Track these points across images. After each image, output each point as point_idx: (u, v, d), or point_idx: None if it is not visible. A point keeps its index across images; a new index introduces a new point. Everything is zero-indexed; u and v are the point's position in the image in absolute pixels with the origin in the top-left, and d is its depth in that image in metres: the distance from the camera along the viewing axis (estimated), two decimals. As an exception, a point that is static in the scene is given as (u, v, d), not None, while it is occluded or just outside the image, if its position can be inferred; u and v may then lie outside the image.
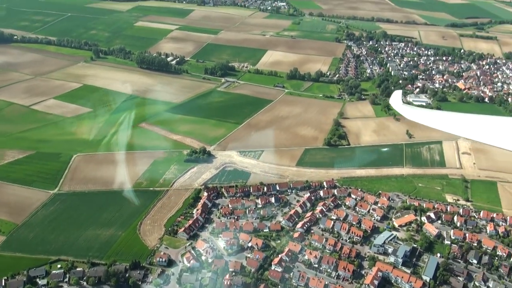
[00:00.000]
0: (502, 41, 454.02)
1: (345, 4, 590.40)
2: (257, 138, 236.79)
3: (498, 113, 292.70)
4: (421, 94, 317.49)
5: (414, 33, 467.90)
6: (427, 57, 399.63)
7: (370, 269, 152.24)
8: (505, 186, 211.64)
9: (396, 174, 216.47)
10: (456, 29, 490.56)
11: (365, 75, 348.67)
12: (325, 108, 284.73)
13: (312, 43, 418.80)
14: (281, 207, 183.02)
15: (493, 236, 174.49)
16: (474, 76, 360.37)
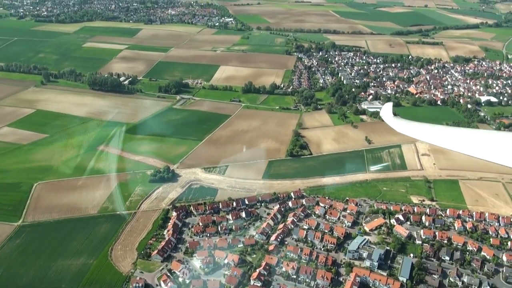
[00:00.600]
0: (448, 46, 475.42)
1: (291, 18, 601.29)
2: (221, 153, 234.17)
3: (451, 115, 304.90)
4: (375, 101, 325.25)
5: (361, 42, 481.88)
6: (376, 65, 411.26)
7: (347, 276, 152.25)
8: (466, 184, 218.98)
9: (360, 179, 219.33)
10: (402, 37, 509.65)
11: (318, 85, 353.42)
12: (283, 120, 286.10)
13: (263, 56, 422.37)
14: (253, 221, 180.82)
15: (462, 232, 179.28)
16: (424, 80, 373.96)
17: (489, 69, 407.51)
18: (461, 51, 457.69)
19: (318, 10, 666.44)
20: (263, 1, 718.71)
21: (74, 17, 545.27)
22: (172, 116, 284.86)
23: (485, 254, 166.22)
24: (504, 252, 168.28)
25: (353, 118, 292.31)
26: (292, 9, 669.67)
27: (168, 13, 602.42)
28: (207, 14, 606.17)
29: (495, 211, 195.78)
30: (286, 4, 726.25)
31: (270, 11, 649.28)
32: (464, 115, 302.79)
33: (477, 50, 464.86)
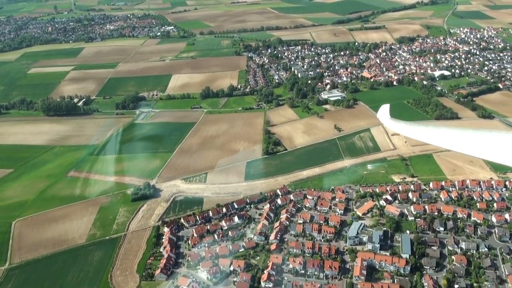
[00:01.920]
0: (390, 28, 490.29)
1: (232, 19, 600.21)
2: (196, 161, 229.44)
3: (410, 93, 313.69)
4: (333, 90, 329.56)
5: (306, 35, 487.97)
6: (326, 55, 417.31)
7: (353, 262, 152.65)
8: (440, 156, 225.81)
9: (339, 167, 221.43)
10: (345, 25, 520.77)
11: (274, 82, 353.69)
12: (249, 120, 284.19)
13: (213, 60, 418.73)
14: (246, 224, 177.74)
15: (449, 202, 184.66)
16: (375, 64, 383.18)
17: (434, 45, 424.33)
18: (404, 31, 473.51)
19: (256, 8, 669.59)
20: (199, 6, 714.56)
21: (12, 44, 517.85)
22: (136, 131, 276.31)
23: (475, 219, 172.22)
24: (493, 214, 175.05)
25: (317, 109, 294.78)
26: (230, 11, 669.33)
27: (107, 28, 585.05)
28: (146, 25, 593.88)
29: (474, 177, 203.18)
30: (222, 6, 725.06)
31: (209, 15, 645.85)
32: (422, 91, 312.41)
33: (420, 29, 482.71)
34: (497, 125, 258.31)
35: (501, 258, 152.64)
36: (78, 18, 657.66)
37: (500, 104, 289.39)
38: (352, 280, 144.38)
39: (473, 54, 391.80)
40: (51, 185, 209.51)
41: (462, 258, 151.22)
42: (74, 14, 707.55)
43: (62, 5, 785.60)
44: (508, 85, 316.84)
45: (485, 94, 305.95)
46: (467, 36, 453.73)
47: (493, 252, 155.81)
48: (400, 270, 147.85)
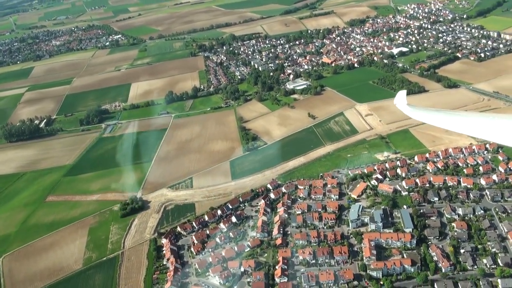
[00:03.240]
0: (339, 13, 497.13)
1: (179, 21, 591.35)
2: (178, 167, 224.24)
3: (373, 73, 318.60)
4: (297, 79, 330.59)
5: (258, 28, 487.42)
6: (282, 46, 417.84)
7: (360, 244, 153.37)
8: (416, 130, 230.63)
9: (323, 154, 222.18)
10: (294, 15, 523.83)
11: (236, 78, 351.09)
12: (221, 119, 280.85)
13: (170, 64, 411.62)
14: (245, 222, 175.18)
15: (437, 172, 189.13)
16: (332, 49, 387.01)
17: (386, 24, 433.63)
18: (353, 14, 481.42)
19: (201, 7, 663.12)
20: (143, 12, 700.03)
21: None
22: (106, 145, 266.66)
23: (465, 185, 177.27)
24: (481, 177, 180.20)
25: (286, 99, 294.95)
26: (176, 12, 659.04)
27: (53, 44, 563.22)
28: (93, 36, 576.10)
29: (454, 145, 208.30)
30: (166, 9, 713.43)
31: (155, 19, 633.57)
32: (384, 70, 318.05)
33: (368, 10, 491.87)
34: (464, 93, 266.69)
35: (497, 218, 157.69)
36: (22, 38, 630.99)
37: (462, 72, 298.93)
38: (364, 262, 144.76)
39: (425, 29, 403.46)
40: (31, 214, 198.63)
41: (462, 224, 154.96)
42: (16, 34, 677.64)
43: (2, 27, 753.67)
44: (466, 53, 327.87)
45: (445, 65, 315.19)
46: (416, 11, 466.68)
47: (489, 213, 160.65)
48: (407, 245, 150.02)
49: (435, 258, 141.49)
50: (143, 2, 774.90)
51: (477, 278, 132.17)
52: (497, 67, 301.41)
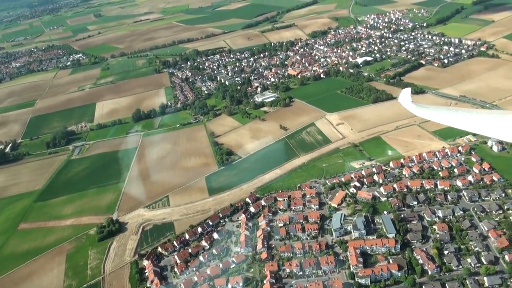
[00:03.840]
0: (300, 25, 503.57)
1: (140, 38, 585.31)
2: (153, 186, 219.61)
3: (340, 83, 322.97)
4: (265, 92, 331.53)
5: (221, 43, 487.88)
6: (246, 59, 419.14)
7: (345, 252, 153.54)
8: (388, 136, 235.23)
9: (298, 164, 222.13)
10: (255, 28, 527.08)
11: (203, 93, 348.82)
12: (191, 135, 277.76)
13: (134, 81, 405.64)
14: (227, 238, 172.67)
15: (413, 177, 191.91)
16: (297, 61, 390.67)
17: (348, 35, 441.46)
18: (314, 26, 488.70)
19: (161, 24, 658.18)
20: (102, 30, 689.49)
21: None
22: (76, 167, 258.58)
23: (442, 187, 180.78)
24: (456, 179, 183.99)
25: (256, 112, 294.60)
26: (136, 30, 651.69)
27: (13, 66, 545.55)
28: (53, 57, 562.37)
29: (427, 149, 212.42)
30: (125, 26, 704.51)
31: (115, 37, 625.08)
32: (351, 79, 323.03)
33: (329, 22, 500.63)
34: (432, 98, 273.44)
35: (477, 217, 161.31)
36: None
37: (427, 78, 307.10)
38: (351, 270, 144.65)
39: (386, 38, 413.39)
40: (4, 243, 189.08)
41: (443, 226, 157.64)
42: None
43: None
44: (430, 60, 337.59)
45: (410, 72, 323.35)
46: (376, 21, 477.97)
47: (468, 213, 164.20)
48: (392, 250, 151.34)
49: (420, 261, 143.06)
50: (101, 21, 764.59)
51: (463, 278, 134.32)
52: (461, 72, 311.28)
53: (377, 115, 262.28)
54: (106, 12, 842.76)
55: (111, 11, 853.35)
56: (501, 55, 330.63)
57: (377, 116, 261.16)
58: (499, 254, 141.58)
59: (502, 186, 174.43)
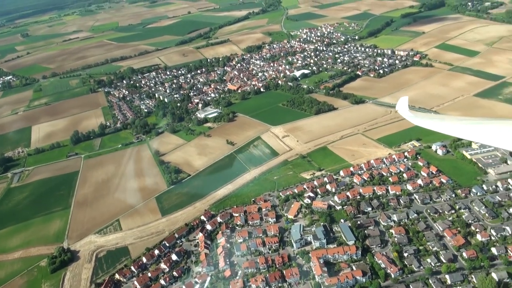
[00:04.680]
0: (235, 41, 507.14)
1: (71, 57, 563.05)
2: (101, 211, 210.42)
3: (281, 96, 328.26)
4: (206, 108, 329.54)
5: (155, 60, 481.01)
6: (184, 76, 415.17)
7: (308, 263, 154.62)
8: (334, 146, 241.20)
9: (249, 179, 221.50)
10: (189, 44, 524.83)
11: (143, 111, 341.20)
12: (135, 155, 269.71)
13: (69, 102, 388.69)
14: (186, 258, 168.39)
15: (365, 184, 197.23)
16: (234, 76, 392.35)
17: (282, 49, 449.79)
18: (249, 41, 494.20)
19: (92, 42, 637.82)
20: (31, 50, 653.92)
21: None
22: (17, 196, 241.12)
23: (394, 192, 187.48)
24: (406, 183, 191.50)
25: (200, 129, 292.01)
26: (66, 49, 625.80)
27: None
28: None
29: (374, 156, 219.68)
30: (55, 46, 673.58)
31: (45, 56, 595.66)
32: (291, 92, 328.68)
33: (262, 37, 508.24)
34: (372, 107, 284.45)
35: (431, 219, 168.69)
36: None
37: (365, 88, 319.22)
38: (316, 280, 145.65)
39: (320, 51, 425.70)
40: None
41: (399, 229, 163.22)
42: None
43: None
44: (366, 71, 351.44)
45: (348, 83, 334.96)
46: (308, 35, 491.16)
47: (422, 215, 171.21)
48: (353, 257, 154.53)
49: (382, 265, 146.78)
50: (29, 40, 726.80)
51: (426, 278, 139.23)
52: (397, 81, 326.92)
53: (321, 126, 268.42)
54: (34, 31, 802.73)
55: (39, 30, 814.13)
56: (435, 64, 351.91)
57: (321, 127, 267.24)
58: (457, 252, 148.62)
59: (451, 187, 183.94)
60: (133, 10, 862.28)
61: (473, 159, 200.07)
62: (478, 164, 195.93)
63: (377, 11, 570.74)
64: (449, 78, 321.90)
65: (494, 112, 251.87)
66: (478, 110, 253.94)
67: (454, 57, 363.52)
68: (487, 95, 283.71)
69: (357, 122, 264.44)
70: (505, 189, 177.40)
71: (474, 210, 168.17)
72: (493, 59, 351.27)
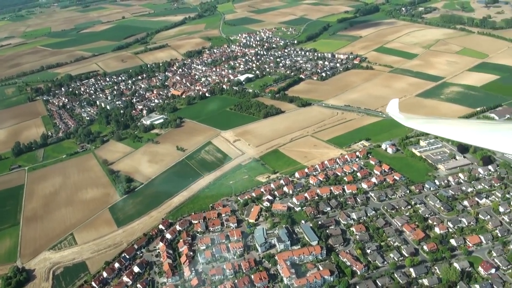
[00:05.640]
0: (174, 45, 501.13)
1: (3, 65, 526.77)
2: (53, 225, 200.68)
3: (227, 100, 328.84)
4: (151, 114, 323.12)
5: (93, 66, 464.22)
6: (124, 82, 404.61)
7: (275, 266, 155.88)
8: (285, 148, 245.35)
9: (204, 185, 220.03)
10: (127, 50, 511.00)
11: (85, 119, 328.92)
12: (82, 165, 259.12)
13: (6, 112, 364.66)
14: (149, 270, 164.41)
15: (321, 184, 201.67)
16: (177, 81, 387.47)
17: (223, 54, 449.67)
18: (188, 46, 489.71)
19: (26, 49, 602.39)
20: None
21: None
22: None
23: (350, 191, 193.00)
24: (361, 182, 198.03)
25: (147, 136, 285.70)
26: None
27: None
28: None
29: (326, 157, 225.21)
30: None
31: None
32: (237, 96, 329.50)
33: (202, 42, 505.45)
34: (318, 109, 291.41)
35: (389, 215, 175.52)
36: None
37: (309, 91, 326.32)
38: (285, 283, 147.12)
39: (262, 55, 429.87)
40: None
41: (360, 227, 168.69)
42: None
43: None
44: (309, 74, 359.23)
45: (292, 86, 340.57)
46: (248, 40, 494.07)
47: (380, 212, 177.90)
48: (319, 257, 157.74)
49: (348, 263, 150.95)
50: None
51: (391, 272, 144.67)
52: (340, 84, 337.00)
53: (271, 129, 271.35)
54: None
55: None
56: (375, 66, 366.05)
57: (271, 130, 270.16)
58: (418, 246, 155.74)
59: (405, 183, 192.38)
60: (65, 15, 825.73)
61: (423, 156, 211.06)
62: (428, 161, 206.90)
63: (313, 16, 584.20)
64: (391, 80, 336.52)
65: (439, 110, 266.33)
66: (422, 110, 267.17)
67: (393, 59, 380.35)
68: (429, 95, 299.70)
69: (305, 124, 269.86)
70: (456, 183, 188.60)
71: (430, 204, 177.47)
72: (432, 61, 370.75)
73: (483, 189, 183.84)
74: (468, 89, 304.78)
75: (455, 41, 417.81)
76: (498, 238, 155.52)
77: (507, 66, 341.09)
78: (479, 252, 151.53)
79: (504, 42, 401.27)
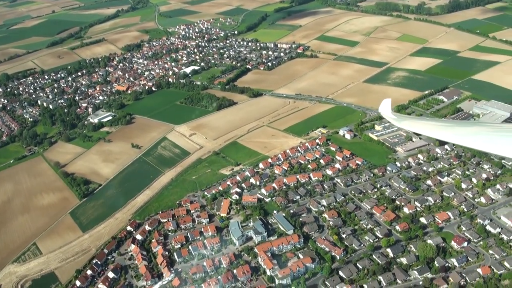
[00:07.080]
0: (111, 40, 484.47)
1: None
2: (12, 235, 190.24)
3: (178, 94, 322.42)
4: (98, 111, 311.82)
5: (29, 64, 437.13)
6: (64, 79, 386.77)
7: (255, 258, 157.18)
8: (244, 140, 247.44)
9: (167, 182, 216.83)
10: (63, 46, 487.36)
11: (28, 121, 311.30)
12: (33, 169, 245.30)
13: None
14: (125, 274, 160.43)
15: (286, 174, 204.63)
16: (120, 76, 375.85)
17: (163, 47, 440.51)
18: (126, 40, 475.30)
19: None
20: None
21: None
22: None
23: (317, 178, 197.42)
24: (325, 169, 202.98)
25: (97, 134, 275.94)
26: None
27: None
28: None
29: (286, 146, 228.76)
30: None
31: None
32: (186, 90, 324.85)
33: (139, 35, 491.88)
34: (270, 99, 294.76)
35: (357, 199, 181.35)
36: None
37: (258, 81, 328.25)
38: (268, 274, 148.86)
39: (203, 47, 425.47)
40: None
41: (332, 213, 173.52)
42: None
43: None
44: (255, 64, 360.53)
45: (241, 77, 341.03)
46: (187, 32, 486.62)
47: (348, 197, 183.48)
48: (297, 245, 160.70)
49: (326, 249, 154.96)
50: None
51: (369, 254, 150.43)
52: (287, 73, 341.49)
53: (226, 121, 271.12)
54: None
55: None
56: (319, 54, 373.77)
57: (226, 122, 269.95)
58: (390, 227, 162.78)
59: (367, 167, 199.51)
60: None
61: (380, 140, 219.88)
62: (385, 144, 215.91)
63: (249, 6, 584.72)
64: (336, 67, 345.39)
65: (388, 95, 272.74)
66: (372, 95, 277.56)
67: (336, 47, 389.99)
68: (376, 80, 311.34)
69: (259, 114, 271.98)
70: (417, 164, 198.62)
71: (395, 186, 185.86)
72: (373, 47, 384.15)
73: (443, 168, 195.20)
74: (413, 73, 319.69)
75: (393, 27, 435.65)
76: (465, 213, 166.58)
77: (447, 50, 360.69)
78: (449, 227, 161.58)
79: (442, 28, 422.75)
